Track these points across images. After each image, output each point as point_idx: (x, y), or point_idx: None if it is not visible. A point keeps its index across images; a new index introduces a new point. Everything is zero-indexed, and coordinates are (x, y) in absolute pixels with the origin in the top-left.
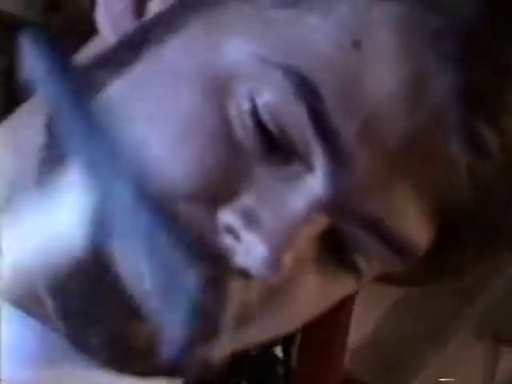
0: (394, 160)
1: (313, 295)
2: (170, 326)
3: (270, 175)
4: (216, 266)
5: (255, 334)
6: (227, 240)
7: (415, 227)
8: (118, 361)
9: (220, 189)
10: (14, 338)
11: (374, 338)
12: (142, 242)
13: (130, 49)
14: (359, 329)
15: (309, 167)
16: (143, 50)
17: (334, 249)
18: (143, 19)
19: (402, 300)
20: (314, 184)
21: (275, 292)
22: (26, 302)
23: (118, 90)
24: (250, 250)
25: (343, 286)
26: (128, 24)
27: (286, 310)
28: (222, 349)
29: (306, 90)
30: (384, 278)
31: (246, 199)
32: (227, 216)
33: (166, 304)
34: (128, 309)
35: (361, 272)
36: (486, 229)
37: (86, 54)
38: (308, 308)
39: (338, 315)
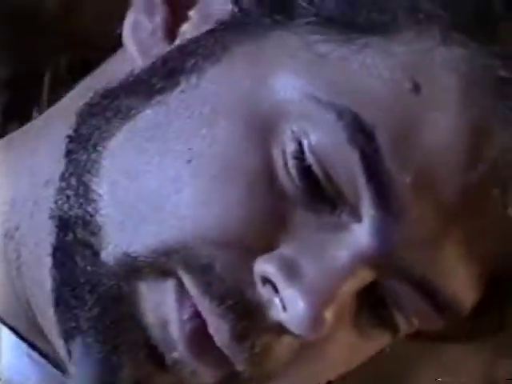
0: (447, 216)
1: (345, 352)
2: (194, 376)
3: (314, 224)
4: (250, 321)
5: None
6: (264, 292)
7: (463, 287)
8: None
9: (259, 236)
10: (6, 366)
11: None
12: (171, 291)
13: (165, 76)
14: None
15: (356, 217)
16: (179, 78)
17: (372, 304)
18: (175, 43)
19: None
20: (361, 235)
21: (307, 348)
22: (27, 330)
23: (148, 120)
24: (288, 305)
25: (377, 342)
26: (158, 47)
27: (315, 366)
28: None
29: (361, 133)
30: (419, 335)
31: (287, 249)
32: (265, 266)
33: (191, 354)
34: (151, 356)
35: (398, 329)
36: None
37: (109, 75)
38: (338, 365)
39: None
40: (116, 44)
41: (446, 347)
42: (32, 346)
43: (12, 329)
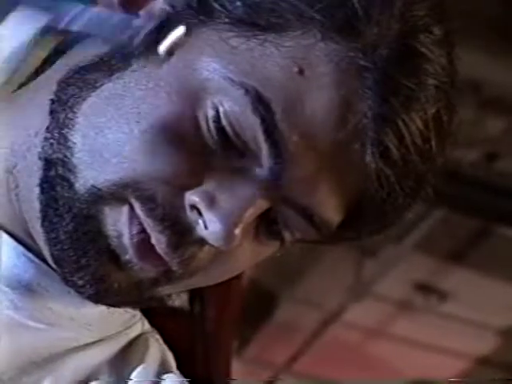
0: (323, 163)
1: (247, 255)
2: (141, 272)
3: (228, 168)
4: (181, 235)
5: (196, 282)
6: (191, 216)
7: (332, 213)
8: (98, 296)
9: (189, 176)
10: (9, 264)
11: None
12: (125, 212)
13: (122, 58)
14: None
15: (258, 163)
16: (132, 61)
17: (267, 222)
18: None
19: None
20: (261, 176)
21: (221, 254)
22: (23, 237)
23: (109, 91)
24: (209, 225)
25: (270, 249)
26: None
27: (226, 265)
28: (174, 288)
29: (261, 105)
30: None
31: (208, 186)
32: (192, 197)
33: (138, 258)
34: (110, 258)
35: (284, 240)
36: (378, 215)
37: (81, 55)
38: (242, 264)
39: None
40: None
41: (326, 252)
42: (28, 248)
43: (12, 235)
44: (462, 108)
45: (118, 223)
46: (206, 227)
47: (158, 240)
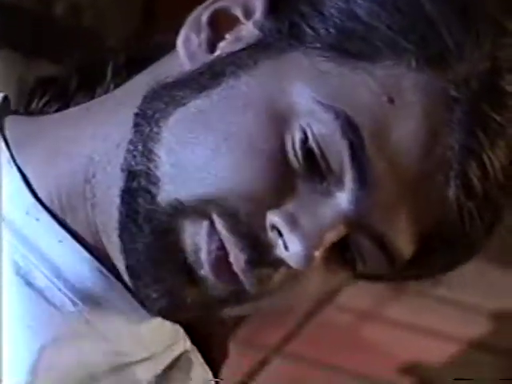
0: (405, 191)
1: (317, 283)
2: (213, 290)
3: (310, 190)
4: (260, 254)
5: (263, 306)
6: (272, 236)
7: (407, 243)
8: (169, 309)
9: (272, 196)
10: (81, 277)
11: None
12: (205, 226)
13: (211, 77)
14: None
15: (340, 187)
16: (221, 80)
17: (340, 250)
18: (215, 54)
19: None
20: (342, 201)
21: (294, 277)
22: (94, 249)
23: (197, 108)
24: (289, 245)
25: (339, 279)
26: (202, 56)
27: (296, 291)
28: (240, 310)
29: (350, 128)
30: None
31: (290, 206)
32: (275, 217)
33: (214, 274)
34: (186, 273)
35: (356, 269)
36: (452, 250)
37: (166, 70)
38: (310, 292)
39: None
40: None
41: None
42: (101, 262)
43: (87, 248)
44: None
45: (197, 237)
46: (286, 248)
47: (237, 257)
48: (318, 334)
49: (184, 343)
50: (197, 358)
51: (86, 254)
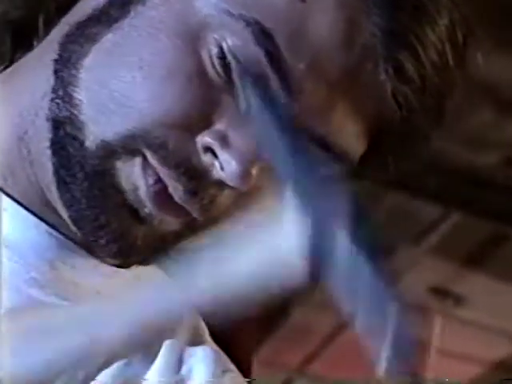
0: (334, 89)
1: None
2: (163, 225)
3: (238, 105)
4: (198, 180)
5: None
6: (206, 159)
7: (350, 141)
8: (122, 253)
9: (199, 117)
10: (30, 242)
11: None
12: (138, 164)
13: (119, 7)
14: None
15: None
16: (129, 8)
17: None
18: None
19: None
20: None
21: (241, 197)
22: (41, 208)
23: (110, 42)
24: (225, 165)
25: None
26: None
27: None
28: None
29: (264, 36)
30: None
31: (220, 125)
32: (205, 139)
33: (158, 209)
34: (129, 213)
35: None
36: (402, 141)
37: (82, 11)
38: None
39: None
40: None
41: None
42: (49, 225)
43: (31, 211)
44: (480, 111)
45: (133, 176)
46: (222, 168)
47: (175, 188)
48: (340, 354)
49: None
50: None
51: (31, 218)
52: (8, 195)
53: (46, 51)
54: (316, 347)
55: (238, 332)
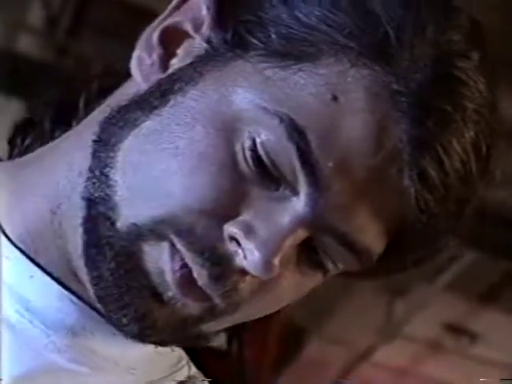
0: (359, 188)
1: (290, 287)
2: (184, 309)
3: (265, 198)
4: (221, 266)
5: (241, 317)
6: (230, 247)
7: (372, 240)
8: (143, 333)
9: (226, 208)
10: (52, 308)
11: None
12: (165, 248)
13: (160, 96)
14: None
15: (294, 192)
16: (169, 97)
17: (308, 252)
18: (167, 72)
19: None
20: (298, 205)
21: (263, 284)
22: (67, 277)
23: (148, 128)
24: (247, 254)
25: (313, 280)
26: (155, 75)
27: (269, 298)
28: (219, 325)
29: (296, 132)
30: (342, 273)
31: (246, 216)
32: (231, 228)
33: (181, 293)
34: (153, 295)
35: (327, 270)
36: (421, 242)
37: (123, 94)
38: (286, 297)
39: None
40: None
41: (358, 291)
42: (72, 292)
43: (55, 279)
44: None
45: (160, 260)
46: (244, 257)
47: (200, 273)
48: None
49: (189, 370)
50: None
51: (55, 286)
52: (34, 263)
53: (85, 130)
54: (329, 382)
55: (253, 369)
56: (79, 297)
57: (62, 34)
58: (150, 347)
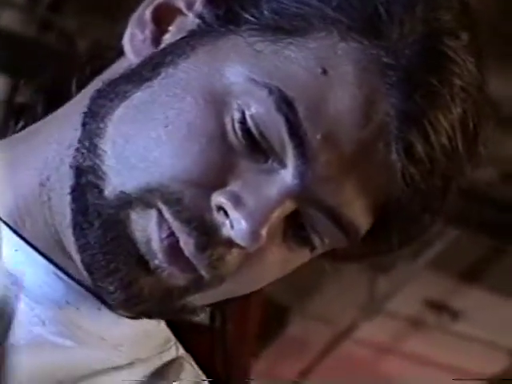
0: (347, 161)
1: (277, 262)
2: (170, 278)
3: (253, 169)
4: (208, 236)
5: (227, 291)
6: (218, 216)
7: (359, 214)
8: (128, 302)
9: (215, 177)
10: (38, 282)
11: None
12: (153, 216)
13: (151, 68)
14: None
15: (282, 164)
16: (161, 70)
17: (295, 228)
18: (159, 47)
19: None
20: (286, 177)
21: (249, 257)
22: (54, 252)
23: (139, 99)
24: (235, 224)
25: (300, 256)
26: (147, 50)
27: (255, 272)
28: (203, 298)
29: (285, 104)
30: (328, 254)
31: (234, 186)
32: (219, 198)
33: (167, 262)
34: (139, 263)
35: (315, 246)
36: (408, 219)
37: (115, 70)
38: (272, 272)
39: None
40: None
41: (340, 268)
42: (58, 267)
43: (43, 254)
44: None
45: (147, 228)
46: (231, 226)
47: (186, 242)
48: (335, 368)
49: (176, 350)
50: (190, 364)
51: (41, 260)
52: (21, 237)
53: (76, 105)
54: (312, 361)
55: (235, 344)
56: (65, 271)
57: (44, 9)
58: (138, 325)
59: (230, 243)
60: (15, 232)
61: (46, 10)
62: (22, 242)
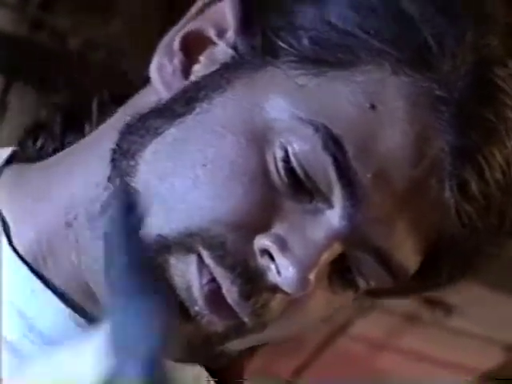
0: (399, 200)
1: (321, 306)
2: (209, 325)
3: (298, 211)
4: (253, 283)
5: (267, 336)
6: (262, 261)
7: (409, 255)
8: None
9: (258, 220)
10: (50, 325)
11: None
12: (193, 262)
13: (184, 103)
14: None
15: (329, 205)
16: (195, 105)
17: (340, 270)
18: (190, 79)
19: None
20: (333, 218)
21: (293, 303)
22: (78, 294)
23: (173, 136)
24: (282, 270)
25: (343, 298)
26: (177, 82)
27: (298, 317)
28: (244, 343)
29: (332, 142)
30: (371, 291)
31: (279, 229)
32: (263, 241)
33: (209, 309)
34: (179, 310)
35: (359, 288)
36: (461, 256)
37: (143, 102)
38: (315, 316)
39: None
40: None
41: None
42: (75, 309)
43: (64, 297)
44: None
45: (187, 274)
46: (278, 273)
47: (229, 290)
48: (331, 364)
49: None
50: None
51: (60, 305)
52: (38, 276)
53: (103, 138)
54: (308, 356)
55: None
56: (84, 315)
57: (35, 8)
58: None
59: (274, 289)
60: (33, 271)
61: (38, 9)
62: (39, 284)
